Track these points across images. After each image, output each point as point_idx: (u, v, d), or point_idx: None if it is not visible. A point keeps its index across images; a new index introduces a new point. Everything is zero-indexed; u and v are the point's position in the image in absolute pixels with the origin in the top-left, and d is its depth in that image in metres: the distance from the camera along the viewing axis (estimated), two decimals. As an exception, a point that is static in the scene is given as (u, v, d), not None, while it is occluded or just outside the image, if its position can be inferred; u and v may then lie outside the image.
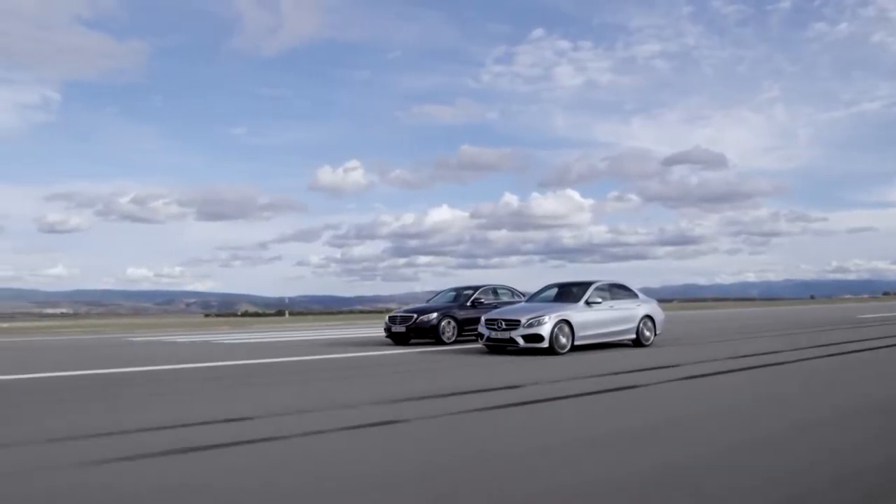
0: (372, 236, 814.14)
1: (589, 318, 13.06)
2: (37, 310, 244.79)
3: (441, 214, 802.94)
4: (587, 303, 13.21)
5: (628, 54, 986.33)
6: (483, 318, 13.50)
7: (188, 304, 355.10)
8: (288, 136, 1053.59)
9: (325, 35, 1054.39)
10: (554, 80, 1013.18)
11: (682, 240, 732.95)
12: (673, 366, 10.25)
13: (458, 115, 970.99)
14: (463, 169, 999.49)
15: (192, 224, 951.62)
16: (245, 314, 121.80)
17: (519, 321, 12.59)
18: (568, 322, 12.65)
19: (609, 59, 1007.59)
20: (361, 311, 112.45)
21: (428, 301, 17.66)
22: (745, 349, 12.87)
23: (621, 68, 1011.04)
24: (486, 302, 16.30)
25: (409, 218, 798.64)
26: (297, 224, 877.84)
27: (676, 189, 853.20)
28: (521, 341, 12.47)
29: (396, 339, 16.06)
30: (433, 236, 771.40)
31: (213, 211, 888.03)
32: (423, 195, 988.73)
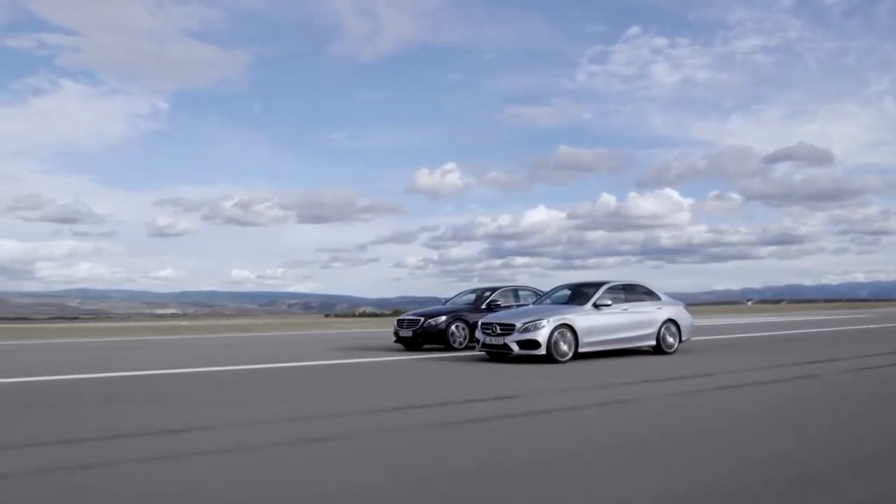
0: (469, 238, 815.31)
1: (596, 323, 11.69)
2: (148, 310, 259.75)
3: (538, 215, 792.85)
4: (595, 305, 11.83)
5: (727, 50, 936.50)
6: (479, 322, 12.38)
7: (290, 305, 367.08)
8: (385, 139, 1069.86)
9: (422, 38, 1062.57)
10: (650, 78, 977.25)
11: (786, 239, 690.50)
12: (680, 378, 8.91)
13: (554, 115, 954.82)
14: (559, 170, 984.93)
15: (294, 227, 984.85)
16: (363, 314, 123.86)
17: (514, 325, 11.40)
18: (570, 327, 11.33)
19: (707, 55, 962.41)
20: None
21: (444, 302, 16.59)
22: (772, 360, 11.21)
23: (720, 64, 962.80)
24: (503, 304, 15.01)
25: (505, 219, 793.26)
26: (394, 226, 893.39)
27: (779, 187, 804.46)
28: (515, 348, 11.28)
29: (406, 344, 15.00)
30: (530, 237, 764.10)
31: (313, 214, 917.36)
32: (519, 196, 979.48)
